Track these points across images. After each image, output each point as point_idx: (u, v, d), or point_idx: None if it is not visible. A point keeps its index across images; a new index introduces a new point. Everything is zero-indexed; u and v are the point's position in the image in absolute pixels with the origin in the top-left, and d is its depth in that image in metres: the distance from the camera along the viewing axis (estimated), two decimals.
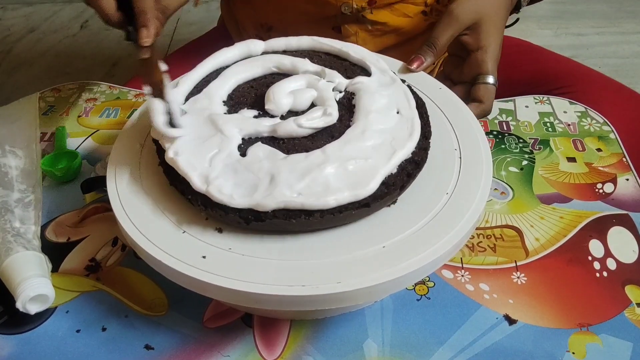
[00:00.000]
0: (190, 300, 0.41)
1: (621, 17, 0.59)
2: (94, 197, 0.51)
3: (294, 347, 0.39)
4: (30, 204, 0.47)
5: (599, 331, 0.39)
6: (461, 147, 0.43)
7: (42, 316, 0.41)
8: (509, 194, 0.50)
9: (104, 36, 1.76)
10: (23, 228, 0.44)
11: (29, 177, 0.49)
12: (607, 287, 0.42)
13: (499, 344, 0.39)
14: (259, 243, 0.36)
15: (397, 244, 0.35)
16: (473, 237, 0.46)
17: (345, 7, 0.63)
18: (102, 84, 0.65)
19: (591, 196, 0.49)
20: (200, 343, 0.39)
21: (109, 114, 0.60)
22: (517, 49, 0.72)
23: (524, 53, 0.72)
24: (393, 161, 0.37)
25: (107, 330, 0.40)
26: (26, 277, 0.39)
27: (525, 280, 0.43)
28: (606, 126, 0.57)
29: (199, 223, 0.37)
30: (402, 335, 0.39)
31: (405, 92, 0.43)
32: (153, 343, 0.39)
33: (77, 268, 0.44)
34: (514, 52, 0.70)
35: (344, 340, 0.39)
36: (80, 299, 0.42)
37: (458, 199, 0.38)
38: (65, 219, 0.49)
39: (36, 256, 0.42)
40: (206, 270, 0.34)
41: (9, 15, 1.86)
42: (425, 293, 0.42)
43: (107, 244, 0.46)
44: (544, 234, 0.46)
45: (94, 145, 0.56)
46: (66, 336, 0.40)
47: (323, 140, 0.39)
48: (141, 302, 0.42)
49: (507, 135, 0.56)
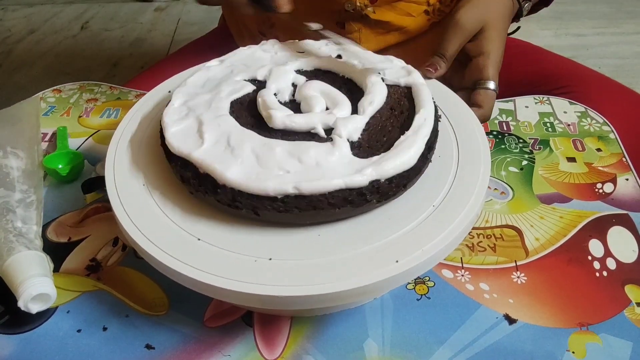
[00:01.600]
0: (191, 299, 0.41)
1: (621, 18, 0.59)
2: (95, 197, 0.51)
3: (294, 346, 0.39)
4: (32, 204, 0.47)
5: (599, 331, 0.39)
6: (460, 147, 0.43)
7: (43, 316, 0.41)
8: (508, 194, 0.50)
9: (104, 37, 1.76)
10: (25, 228, 0.44)
11: (31, 178, 0.50)
12: (607, 286, 0.42)
13: (499, 343, 0.39)
14: (260, 243, 0.36)
15: (390, 243, 0.35)
16: (473, 237, 0.46)
17: (349, 4, 0.63)
18: (103, 85, 0.65)
19: (591, 196, 0.49)
20: (200, 342, 0.39)
21: (110, 114, 0.61)
22: (517, 49, 0.72)
23: (523, 54, 0.72)
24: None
25: (108, 329, 0.40)
26: (28, 276, 0.39)
27: (525, 280, 0.43)
28: (606, 126, 0.57)
29: (201, 222, 0.38)
30: (402, 335, 0.39)
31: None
32: (154, 342, 0.39)
33: (77, 268, 0.45)
34: (514, 53, 0.70)
35: (345, 339, 0.39)
36: (81, 299, 0.42)
37: (455, 196, 0.38)
38: (66, 219, 0.49)
39: (38, 256, 0.42)
40: (207, 270, 0.34)
41: (9, 16, 1.86)
42: (426, 293, 0.42)
43: (108, 243, 0.46)
44: (544, 233, 0.46)
45: (95, 145, 0.56)
46: (67, 336, 0.40)
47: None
48: (142, 301, 0.42)
49: (507, 136, 0.56)
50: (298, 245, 0.36)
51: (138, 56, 1.66)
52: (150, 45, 1.73)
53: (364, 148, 0.39)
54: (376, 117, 0.42)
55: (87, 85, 0.66)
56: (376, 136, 0.40)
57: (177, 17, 1.88)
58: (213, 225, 0.37)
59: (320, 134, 0.40)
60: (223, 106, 0.42)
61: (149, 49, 1.70)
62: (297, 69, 0.47)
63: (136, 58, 1.65)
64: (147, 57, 1.65)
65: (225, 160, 0.37)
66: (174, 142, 0.39)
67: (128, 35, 1.78)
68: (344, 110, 0.42)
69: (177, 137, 0.39)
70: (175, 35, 1.76)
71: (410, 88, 0.44)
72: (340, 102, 0.42)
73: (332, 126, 0.40)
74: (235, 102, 0.43)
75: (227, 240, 0.36)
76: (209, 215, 0.38)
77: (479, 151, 0.42)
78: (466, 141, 0.43)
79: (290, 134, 0.40)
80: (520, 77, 0.69)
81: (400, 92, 0.44)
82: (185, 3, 1.96)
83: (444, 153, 0.42)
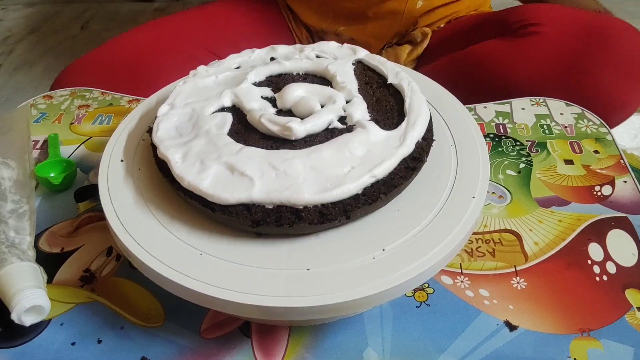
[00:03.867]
0: (187, 310, 0.41)
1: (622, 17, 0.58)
2: (88, 206, 0.50)
3: (293, 356, 0.39)
4: (24, 214, 0.46)
5: (600, 336, 0.39)
6: (458, 147, 0.42)
7: (36, 329, 0.40)
8: (507, 198, 0.50)
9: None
10: (18, 239, 0.43)
11: (23, 188, 0.49)
12: (607, 291, 0.42)
13: (500, 350, 0.38)
14: (257, 252, 0.35)
15: (391, 252, 0.35)
16: (472, 242, 0.46)
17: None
18: (94, 90, 0.65)
19: (589, 199, 0.49)
20: (197, 354, 0.39)
21: (102, 120, 0.60)
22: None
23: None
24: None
25: (103, 342, 0.39)
26: (21, 288, 0.38)
27: (525, 286, 0.42)
28: (603, 128, 0.57)
29: (196, 231, 0.37)
30: (402, 343, 0.39)
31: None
32: (150, 355, 0.39)
33: (71, 279, 0.44)
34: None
35: (344, 349, 0.39)
36: (75, 311, 0.42)
37: (454, 202, 0.38)
38: (59, 228, 0.48)
39: (31, 267, 0.41)
40: (203, 280, 0.34)
41: (9, 16, 1.85)
42: (425, 300, 0.42)
43: (102, 253, 0.46)
44: (543, 237, 0.46)
45: (87, 152, 0.56)
46: (61, 349, 0.39)
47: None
48: (137, 313, 0.41)
49: (504, 138, 0.56)
50: (297, 255, 0.35)
51: None
52: None
53: (381, 122, 0.41)
54: (362, 94, 0.43)
55: (79, 91, 0.65)
56: (379, 110, 0.42)
57: None
58: (213, 236, 0.37)
59: (339, 126, 0.40)
60: (226, 140, 0.39)
61: None
62: (252, 82, 0.45)
63: None
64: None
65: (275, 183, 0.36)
66: (185, 177, 0.37)
67: None
68: (341, 98, 0.42)
69: (185, 169, 0.38)
70: None
71: (360, 62, 0.48)
72: (332, 93, 0.43)
73: (344, 115, 0.41)
74: (230, 133, 0.41)
75: (225, 250, 0.36)
76: (210, 227, 0.37)
77: (477, 154, 0.42)
78: (464, 143, 0.43)
79: (306, 139, 0.40)
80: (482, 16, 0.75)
81: (358, 68, 0.47)
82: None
83: (442, 154, 0.42)
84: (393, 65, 0.46)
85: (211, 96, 0.44)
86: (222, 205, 0.35)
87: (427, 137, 0.40)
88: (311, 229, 0.35)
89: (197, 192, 0.36)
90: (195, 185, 0.36)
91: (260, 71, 0.46)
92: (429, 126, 0.40)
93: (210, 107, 0.42)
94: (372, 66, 0.47)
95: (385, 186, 0.36)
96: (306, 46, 0.50)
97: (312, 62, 0.47)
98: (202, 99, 0.43)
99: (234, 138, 0.39)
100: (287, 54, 0.49)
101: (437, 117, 0.45)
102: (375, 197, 0.36)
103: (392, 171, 0.37)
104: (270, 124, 0.40)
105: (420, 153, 0.38)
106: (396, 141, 0.38)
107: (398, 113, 0.42)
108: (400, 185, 0.37)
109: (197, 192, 0.36)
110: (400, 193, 0.38)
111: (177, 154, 0.38)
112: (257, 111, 0.41)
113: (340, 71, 0.45)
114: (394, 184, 0.36)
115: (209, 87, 0.46)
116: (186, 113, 0.42)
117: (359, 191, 0.35)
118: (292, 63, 0.47)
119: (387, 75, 0.45)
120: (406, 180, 0.37)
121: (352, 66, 0.46)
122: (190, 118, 0.42)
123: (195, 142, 0.39)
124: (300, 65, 0.47)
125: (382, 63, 0.47)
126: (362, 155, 0.37)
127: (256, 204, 0.35)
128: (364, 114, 0.41)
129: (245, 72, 0.46)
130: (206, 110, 0.42)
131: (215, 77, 0.46)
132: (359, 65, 0.47)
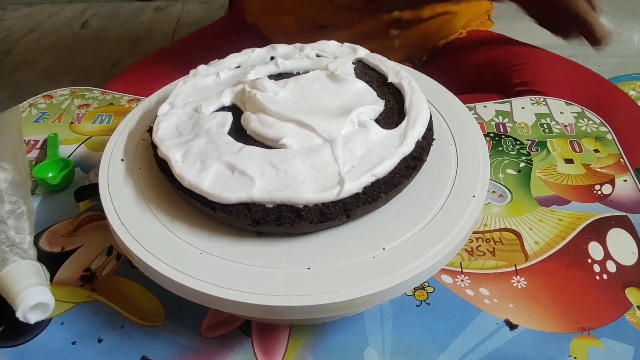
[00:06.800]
0: (187, 309, 0.41)
1: (621, 17, 0.58)
2: (88, 206, 0.50)
3: (293, 355, 0.39)
4: (22, 214, 0.46)
5: (600, 335, 0.39)
6: (458, 146, 0.42)
7: (36, 328, 0.40)
8: (507, 197, 0.50)
9: (104, 36, 1.76)
10: (18, 238, 0.43)
11: (19, 189, 0.49)
12: (607, 290, 0.42)
13: (500, 349, 0.38)
14: (258, 251, 0.35)
15: (391, 251, 0.35)
16: (472, 241, 0.46)
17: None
18: (94, 90, 0.65)
19: (589, 198, 0.49)
20: (198, 353, 0.39)
21: (102, 120, 0.60)
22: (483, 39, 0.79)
23: (487, 41, 0.79)
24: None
25: (104, 341, 0.39)
26: (25, 286, 0.38)
27: (525, 285, 0.42)
28: (603, 127, 0.57)
29: (196, 230, 0.37)
30: (402, 342, 0.39)
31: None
32: (150, 354, 0.39)
33: (71, 278, 0.44)
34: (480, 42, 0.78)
35: (344, 348, 0.39)
36: (75, 310, 0.42)
37: (455, 201, 0.38)
38: (59, 228, 0.48)
39: (33, 265, 0.41)
40: (204, 279, 0.34)
41: (9, 15, 1.85)
42: (425, 299, 0.42)
43: (102, 253, 0.46)
44: (543, 237, 0.46)
45: (87, 152, 0.56)
46: (61, 348, 0.39)
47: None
48: (137, 312, 0.41)
49: (504, 137, 0.56)
50: (297, 254, 0.35)
51: (138, 56, 1.65)
52: (150, 45, 1.72)
53: (381, 121, 0.41)
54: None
55: (79, 90, 0.65)
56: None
57: (176, 17, 1.88)
58: (213, 235, 0.37)
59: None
60: (227, 140, 0.39)
61: (149, 49, 1.69)
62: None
63: (136, 57, 1.65)
64: (147, 56, 1.65)
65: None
66: (185, 176, 0.37)
67: (128, 35, 1.78)
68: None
69: (185, 169, 0.37)
70: (174, 35, 1.76)
71: (360, 61, 0.48)
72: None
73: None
74: (230, 132, 0.41)
75: (226, 249, 0.36)
76: (210, 226, 0.37)
77: (477, 153, 0.42)
78: (464, 142, 0.43)
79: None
80: (483, 59, 0.75)
81: (359, 67, 0.47)
82: (184, 3, 1.95)
83: (442, 154, 0.42)
84: (393, 64, 0.46)
85: (211, 95, 0.44)
86: (222, 204, 0.35)
87: (428, 136, 0.40)
88: (311, 228, 0.35)
89: (197, 192, 0.36)
90: (195, 184, 0.36)
91: (260, 70, 0.46)
92: (429, 125, 0.40)
93: (210, 107, 0.42)
94: (372, 65, 0.47)
95: (386, 185, 0.36)
96: (306, 45, 0.50)
97: (312, 61, 0.47)
98: (202, 99, 0.43)
99: (234, 137, 0.39)
100: (287, 53, 0.49)
101: (437, 116, 0.45)
102: (376, 196, 0.36)
103: (393, 170, 0.37)
104: (262, 129, 0.39)
105: (420, 152, 0.38)
106: (396, 140, 0.38)
107: (398, 112, 0.42)
108: (400, 185, 0.37)
109: (197, 192, 0.36)
110: (401, 192, 0.38)
111: (178, 153, 0.38)
112: (249, 115, 0.41)
113: (341, 70, 0.45)
114: (394, 183, 0.36)
115: (209, 86, 0.46)
116: (186, 112, 0.42)
117: (359, 190, 0.35)
118: (292, 62, 0.47)
119: (387, 74, 0.45)
120: (406, 179, 0.37)
121: (352, 65, 0.47)
122: (191, 117, 0.42)
123: (196, 142, 0.39)
124: (300, 65, 0.47)
125: (382, 62, 0.47)
126: (362, 154, 0.37)
127: (256, 203, 0.35)
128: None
129: (245, 71, 0.46)
130: (206, 110, 0.42)
131: (216, 77, 0.46)
132: (359, 64, 0.47)
